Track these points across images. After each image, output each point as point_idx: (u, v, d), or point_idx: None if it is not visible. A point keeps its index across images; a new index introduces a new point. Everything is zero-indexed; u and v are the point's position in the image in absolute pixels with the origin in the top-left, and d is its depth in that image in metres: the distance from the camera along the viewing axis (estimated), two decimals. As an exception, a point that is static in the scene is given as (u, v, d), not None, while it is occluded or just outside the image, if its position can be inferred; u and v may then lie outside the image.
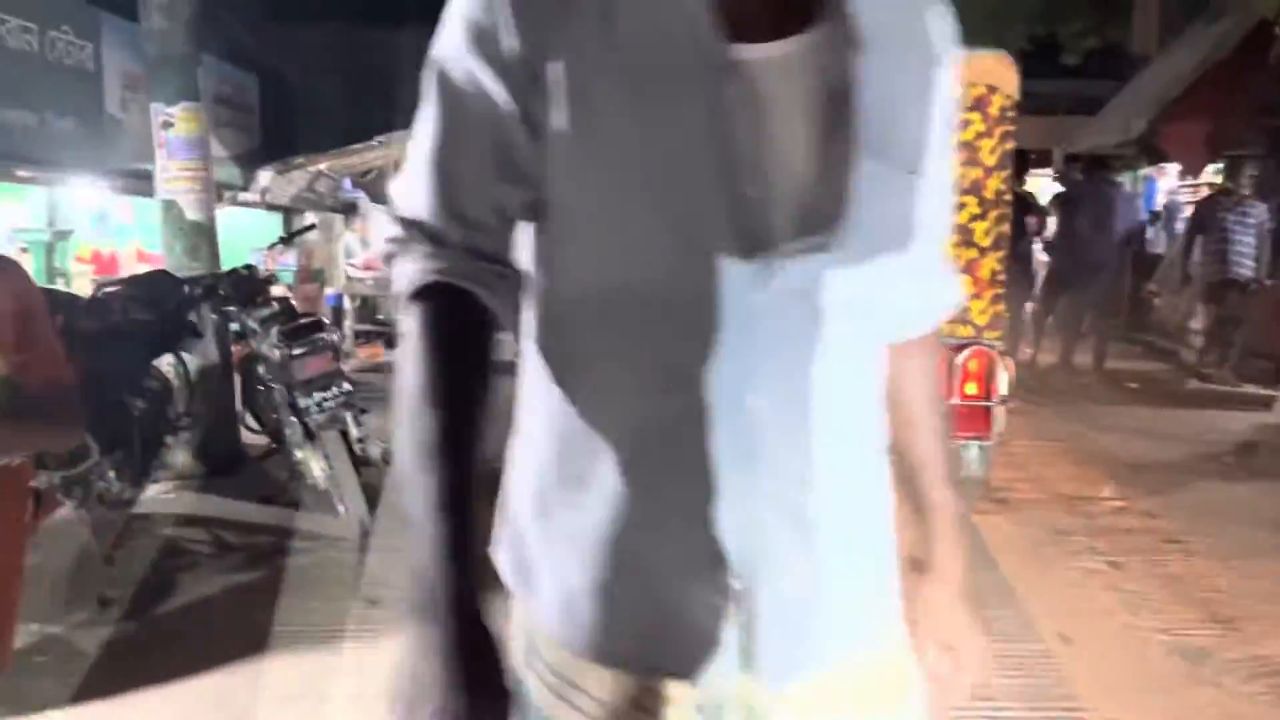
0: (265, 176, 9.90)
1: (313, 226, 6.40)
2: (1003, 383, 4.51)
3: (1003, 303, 4.57)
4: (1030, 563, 4.24)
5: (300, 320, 4.59)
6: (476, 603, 0.76)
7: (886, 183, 0.91)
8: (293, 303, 5.25)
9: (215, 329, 5.37)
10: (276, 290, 5.69)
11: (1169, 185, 12.86)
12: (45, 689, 3.04)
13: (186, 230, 5.32)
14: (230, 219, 9.19)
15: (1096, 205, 7.89)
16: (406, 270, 0.90)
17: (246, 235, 8.96)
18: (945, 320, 1.17)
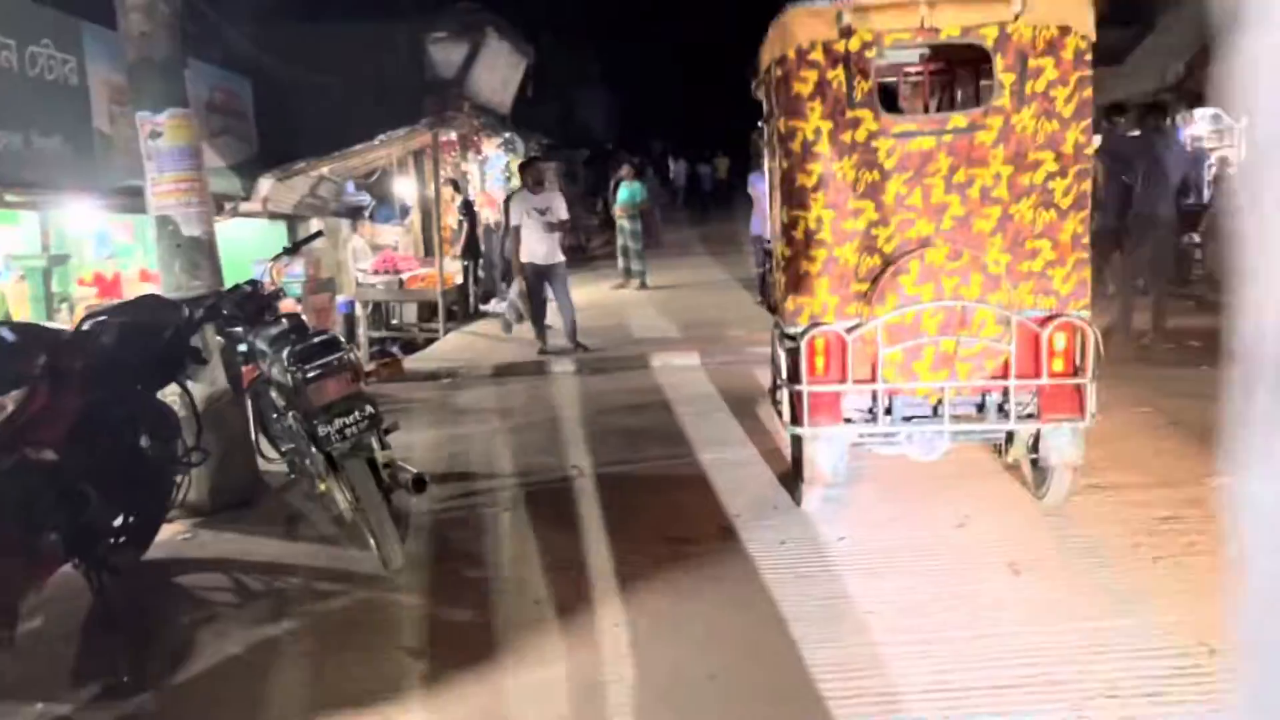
0: (265, 185, 9.51)
1: (319, 234, 5.97)
2: (1093, 357, 4.06)
3: (1088, 268, 4.12)
4: (1144, 558, 3.79)
5: (313, 338, 4.16)
6: None
7: None
8: (303, 318, 4.82)
9: (221, 352, 4.96)
10: (285, 304, 5.27)
11: (1197, 132, 12.35)
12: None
13: (184, 247, 4.91)
14: (232, 231, 8.80)
15: (1148, 157, 7.41)
16: None
17: (250, 248, 8.56)
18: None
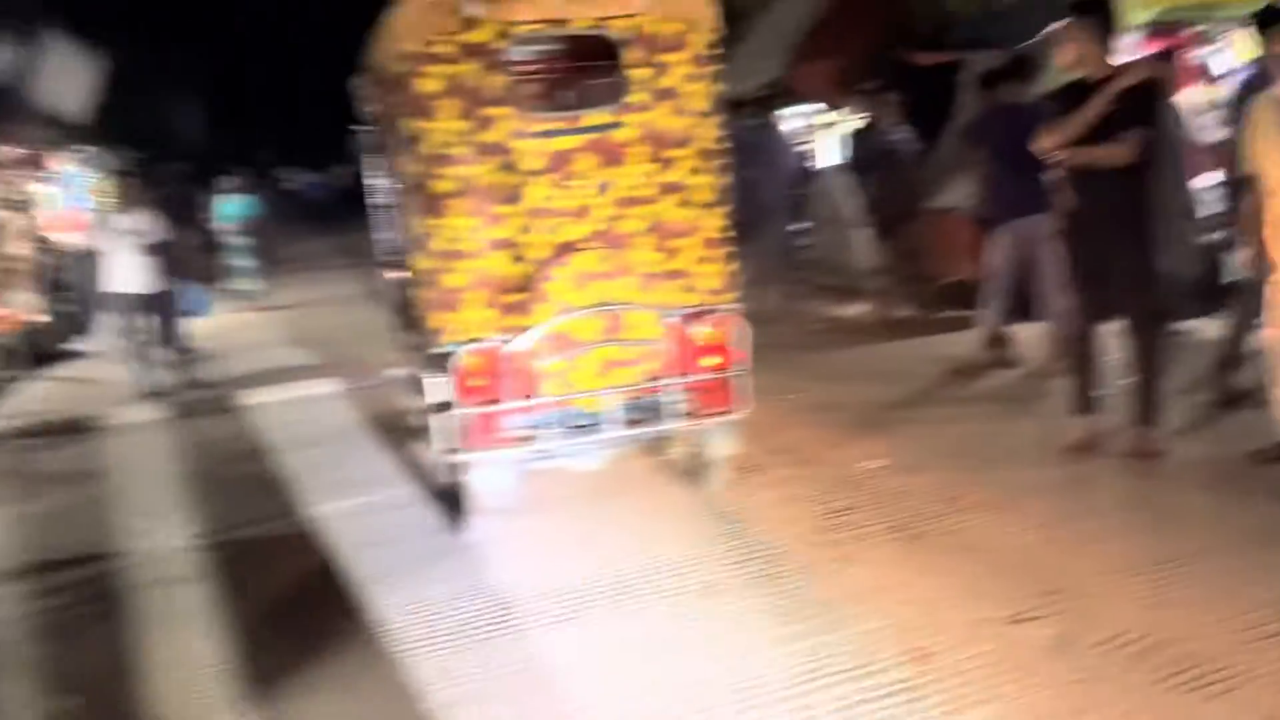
0: None
1: None
2: (746, 350, 4.12)
3: (735, 261, 4.18)
4: (828, 557, 3.70)
5: None
6: None
7: None
8: None
9: None
10: None
11: (795, 125, 13.32)
12: None
13: None
14: None
15: (764, 150, 7.85)
16: None
17: None
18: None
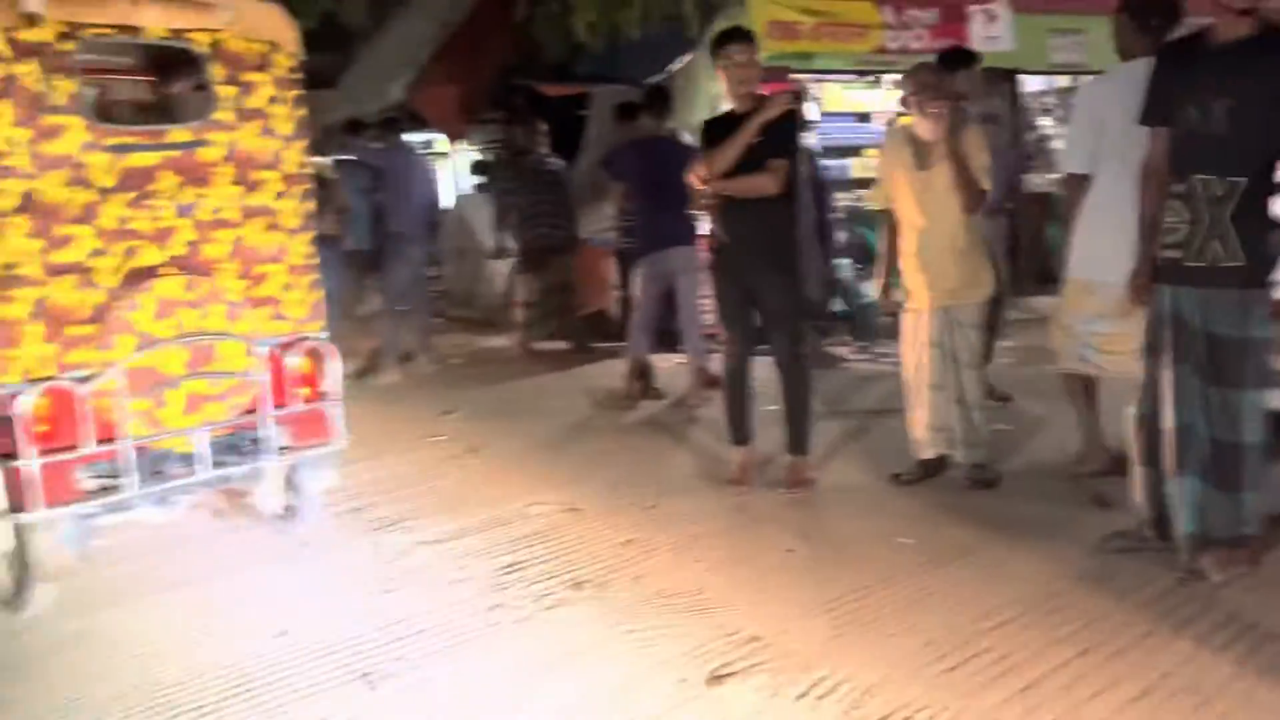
0: None
1: None
2: (338, 379, 4.02)
3: (320, 290, 4.08)
4: (505, 622, 3.32)
5: None
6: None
7: None
8: None
9: None
10: None
11: (425, 151, 13.08)
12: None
13: None
14: None
15: (395, 174, 7.32)
16: None
17: None
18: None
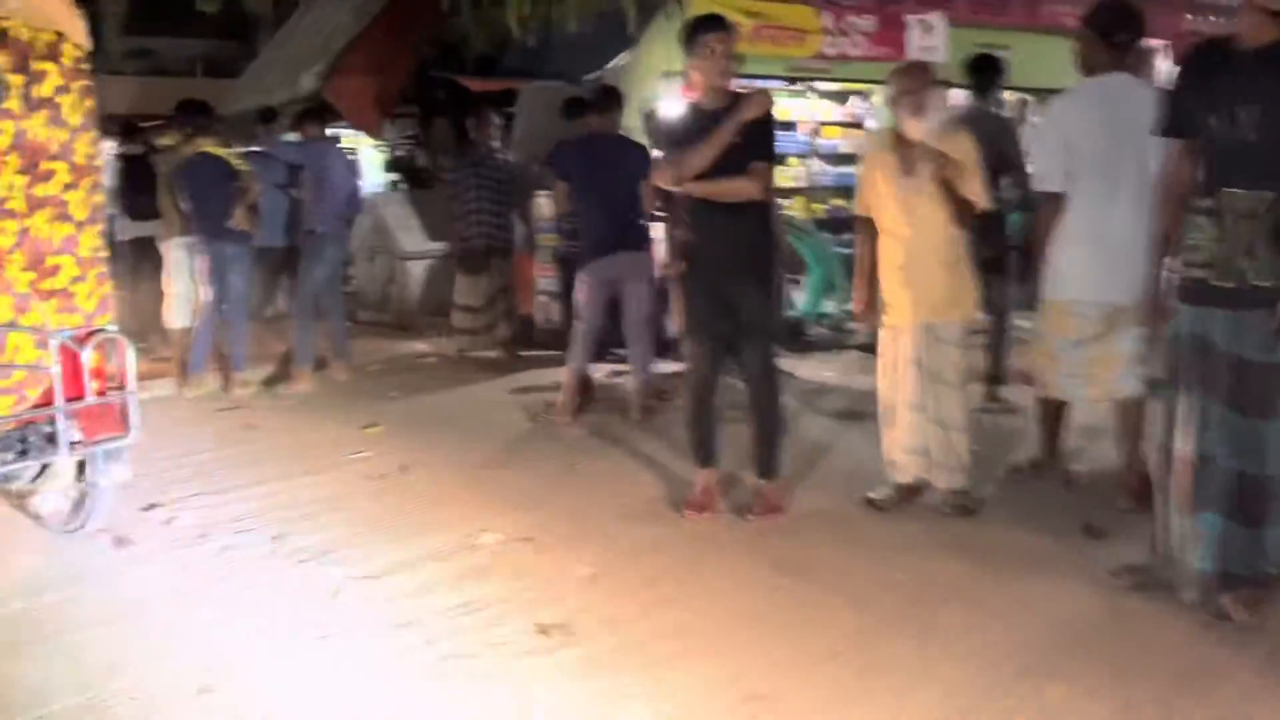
0: None
1: None
2: (132, 371, 3.99)
3: (109, 282, 4.06)
4: (475, 674, 2.90)
5: None
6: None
7: None
8: None
9: None
10: None
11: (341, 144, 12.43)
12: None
13: None
14: None
15: (316, 167, 6.77)
16: None
17: None
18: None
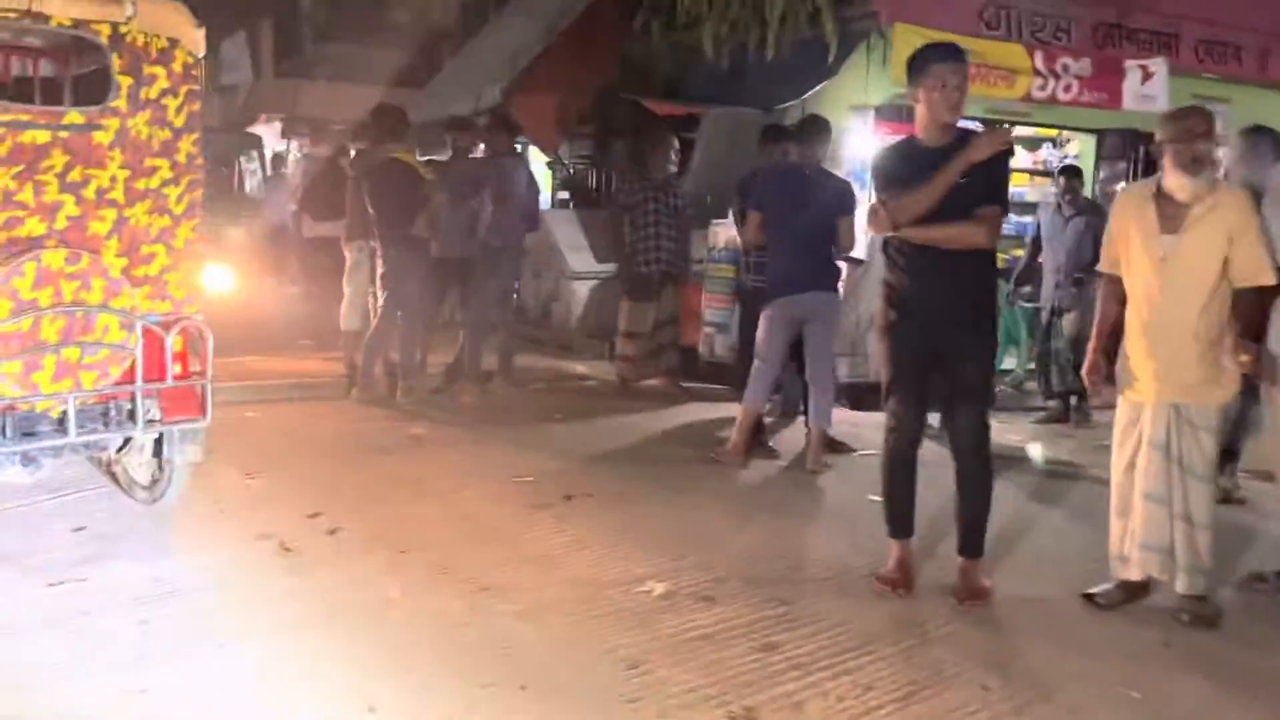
0: None
1: None
2: (209, 359, 4.23)
3: (200, 274, 4.32)
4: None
5: None
6: None
7: None
8: None
9: None
10: None
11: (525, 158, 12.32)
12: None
13: None
14: None
15: (499, 181, 6.92)
16: None
17: None
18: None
